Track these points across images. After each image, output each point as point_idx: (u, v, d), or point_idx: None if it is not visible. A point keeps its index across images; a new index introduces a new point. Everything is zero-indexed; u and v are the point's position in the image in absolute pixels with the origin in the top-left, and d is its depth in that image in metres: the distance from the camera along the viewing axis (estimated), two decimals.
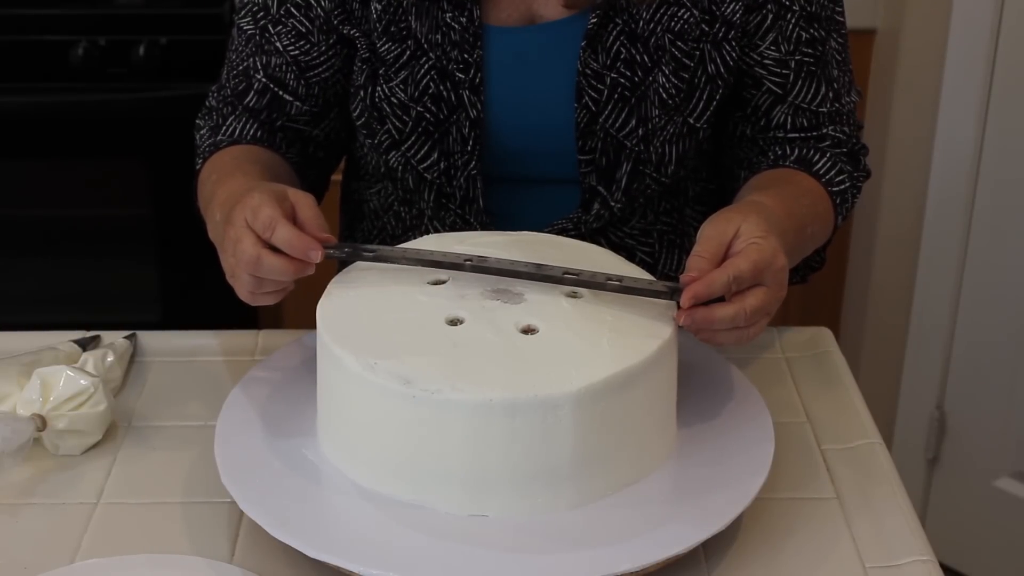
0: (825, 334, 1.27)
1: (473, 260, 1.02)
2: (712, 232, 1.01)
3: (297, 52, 1.20)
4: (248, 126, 1.23)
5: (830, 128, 1.22)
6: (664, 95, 1.17)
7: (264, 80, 1.21)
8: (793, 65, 1.19)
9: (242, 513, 0.98)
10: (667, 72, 1.16)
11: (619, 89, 1.16)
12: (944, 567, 0.98)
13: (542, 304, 1.00)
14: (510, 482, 0.93)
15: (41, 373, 1.08)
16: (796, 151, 1.22)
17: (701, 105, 1.19)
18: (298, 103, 1.22)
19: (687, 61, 1.17)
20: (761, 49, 1.19)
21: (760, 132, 1.23)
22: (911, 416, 2.32)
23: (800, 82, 1.20)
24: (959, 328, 2.22)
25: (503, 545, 0.91)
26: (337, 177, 1.36)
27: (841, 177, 1.21)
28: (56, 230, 2.19)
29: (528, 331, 0.97)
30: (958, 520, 2.27)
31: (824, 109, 1.21)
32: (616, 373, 0.93)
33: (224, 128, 1.23)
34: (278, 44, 1.20)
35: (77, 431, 1.08)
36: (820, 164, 1.20)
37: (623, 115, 1.17)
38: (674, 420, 1.03)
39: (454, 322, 0.98)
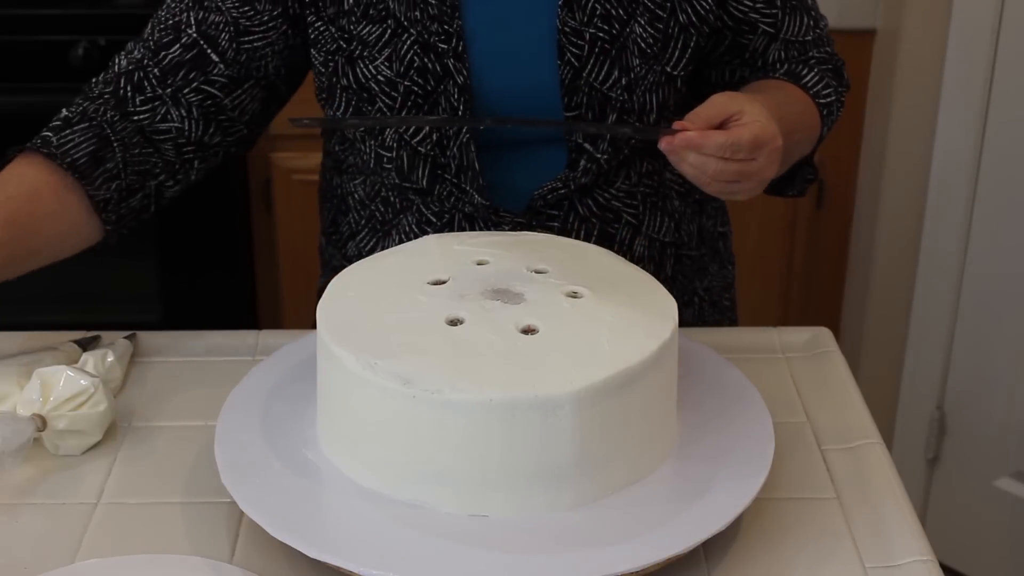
0: (825, 334, 1.27)
1: (465, 117, 1.15)
2: (719, 99, 1.10)
3: (238, 14, 1.22)
4: (114, 118, 1.22)
5: (814, 51, 1.32)
6: (643, 44, 1.22)
7: (195, 35, 1.23)
8: (779, 3, 1.28)
9: (242, 513, 0.98)
10: (643, 23, 1.21)
11: (599, 43, 1.21)
12: (944, 567, 0.98)
13: (542, 304, 1.00)
14: (510, 482, 0.93)
15: (41, 373, 1.08)
16: (785, 67, 1.30)
17: (677, 54, 1.24)
18: (222, 65, 1.23)
19: (660, 12, 1.22)
20: None
21: (758, 72, 1.31)
22: (911, 416, 2.32)
23: (787, 17, 1.29)
24: (959, 328, 2.22)
25: (503, 545, 0.91)
26: (312, 177, 1.36)
27: (828, 91, 1.29)
28: None
29: (528, 331, 0.97)
30: (958, 520, 2.27)
31: (809, 37, 1.31)
32: (616, 373, 0.93)
33: (77, 127, 1.25)
34: (221, 3, 1.22)
35: (77, 431, 1.08)
36: (808, 77, 1.29)
37: (605, 67, 1.22)
38: (674, 420, 1.03)
39: (454, 322, 0.98)
